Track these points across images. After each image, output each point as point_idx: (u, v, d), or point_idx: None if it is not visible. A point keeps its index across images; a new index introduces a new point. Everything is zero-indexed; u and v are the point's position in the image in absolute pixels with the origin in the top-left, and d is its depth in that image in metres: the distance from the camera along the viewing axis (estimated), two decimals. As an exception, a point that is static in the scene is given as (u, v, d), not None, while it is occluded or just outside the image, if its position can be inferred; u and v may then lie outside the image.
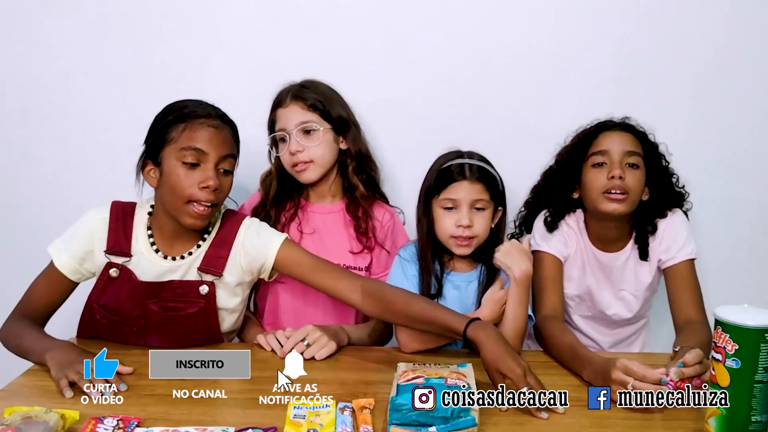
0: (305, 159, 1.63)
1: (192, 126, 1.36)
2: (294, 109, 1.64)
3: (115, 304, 1.43)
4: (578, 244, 1.65)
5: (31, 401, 1.14)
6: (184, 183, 1.35)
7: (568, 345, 1.39)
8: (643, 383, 1.16)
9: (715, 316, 0.98)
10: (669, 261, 1.60)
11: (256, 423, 1.08)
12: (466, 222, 1.46)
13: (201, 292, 1.43)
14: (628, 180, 1.53)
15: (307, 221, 1.70)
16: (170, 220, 1.41)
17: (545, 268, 1.61)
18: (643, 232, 1.62)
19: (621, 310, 1.68)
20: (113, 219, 1.43)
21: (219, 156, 1.37)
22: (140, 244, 1.44)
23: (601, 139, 1.57)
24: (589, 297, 1.68)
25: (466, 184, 1.47)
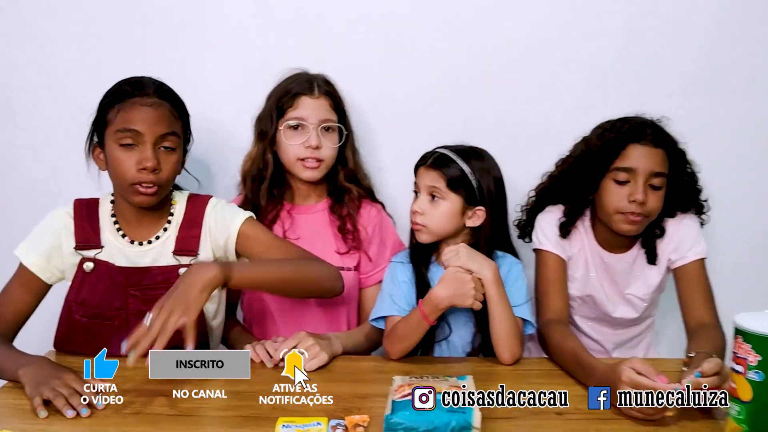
0: (319, 157, 1.57)
1: (125, 106, 1.32)
2: (323, 104, 1.58)
3: (95, 299, 1.38)
4: (583, 244, 1.58)
5: (2, 423, 1.07)
6: (124, 166, 1.32)
7: (572, 351, 1.32)
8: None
9: (735, 325, 0.91)
10: (679, 261, 1.52)
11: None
12: (415, 207, 1.46)
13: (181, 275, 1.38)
14: (650, 203, 1.45)
15: (291, 223, 1.63)
16: (128, 204, 1.39)
17: (549, 268, 1.53)
18: (651, 234, 1.54)
19: (627, 312, 1.61)
20: (78, 214, 1.41)
21: (156, 135, 1.33)
22: (107, 233, 1.41)
23: (628, 152, 1.45)
24: (593, 299, 1.60)
25: (423, 169, 1.46)
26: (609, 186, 1.47)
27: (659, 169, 1.45)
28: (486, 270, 1.37)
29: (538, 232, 1.57)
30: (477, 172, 1.45)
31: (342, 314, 1.63)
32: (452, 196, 1.44)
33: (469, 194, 1.45)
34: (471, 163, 1.45)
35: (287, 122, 1.56)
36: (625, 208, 1.44)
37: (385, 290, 1.49)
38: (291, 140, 1.56)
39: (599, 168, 1.48)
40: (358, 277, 1.65)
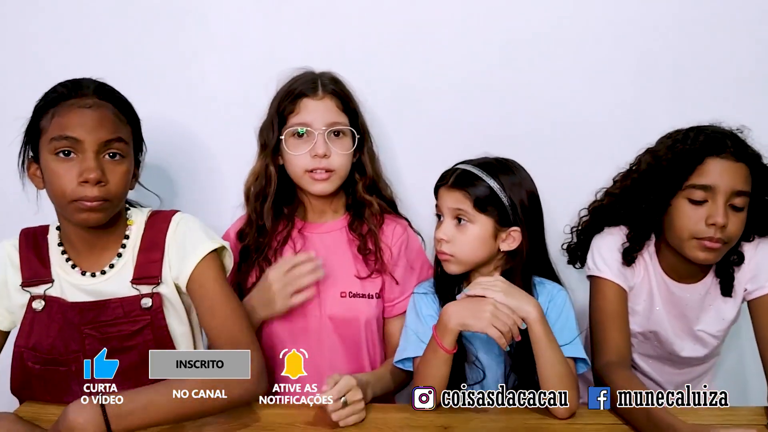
0: (328, 167, 1.37)
1: (60, 111, 1.13)
2: (328, 105, 1.37)
3: (47, 342, 1.19)
4: (647, 272, 1.38)
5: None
6: (63, 180, 1.12)
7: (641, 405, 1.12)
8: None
9: None
10: (756, 291, 1.33)
11: None
12: (440, 234, 1.28)
13: (144, 306, 1.20)
14: (731, 227, 1.25)
15: (303, 243, 1.44)
16: (75, 227, 1.20)
17: (608, 300, 1.34)
18: (728, 262, 1.34)
19: (696, 350, 1.41)
20: (23, 246, 1.23)
21: (98, 142, 1.13)
22: (57, 265, 1.22)
23: (707, 167, 1.25)
24: (656, 336, 1.40)
25: (444, 190, 1.30)
26: (682, 206, 1.27)
27: (742, 188, 1.24)
28: (528, 306, 1.17)
29: (595, 257, 1.37)
30: (507, 188, 1.26)
31: (362, 347, 1.42)
32: (482, 218, 1.25)
33: (501, 214, 1.26)
34: (499, 178, 1.27)
35: (290, 129, 1.37)
36: (702, 232, 1.24)
37: (409, 327, 1.31)
38: (295, 150, 1.37)
39: (671, 185, 1.28)
40: (382, 305, 1.45)
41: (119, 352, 1.18)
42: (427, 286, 1.35)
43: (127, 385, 1.15)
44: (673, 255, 1.34)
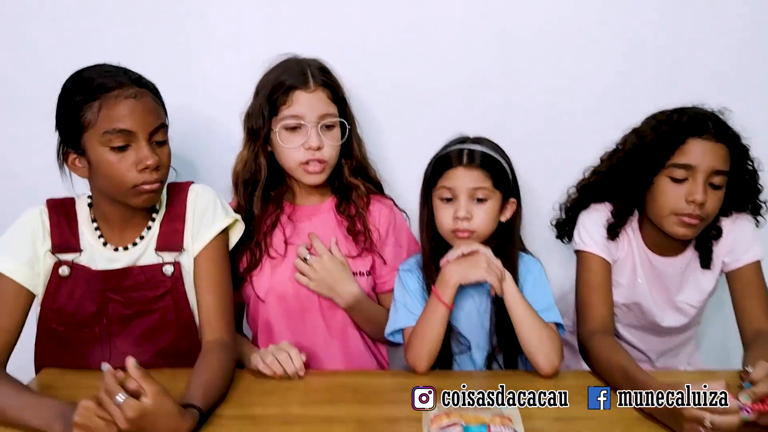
0: (322, 158, 1.39)
1: (107, 103, 1.15)
2: (320, 97, 1.39)
3: (71, 306, 1.25)
4: (630, 247, 1.44)
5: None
6: (121, 170, 1.18)
7: (621, 367, 1.19)
8: (723, 418, 0.97)
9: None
10: (733, 263, 1.39)
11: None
12: (462, 213, 1.30)
13: (166, 273, 1.27)
14: (709, 204, 1.30)
15: (293, 229, 1.47)
16: (115, 207, 1.25)
17: (593, 272, 1.40)
18: (707, 237, 1.40)
19: (677, 320, 1.47)
20: (53, 215, 1.28)
21: (148, 131, 1.19)
22: (87, 238, 1.28)
23: (688, 147, 1.30)
24: (639, 307, 1.47)
25: (462, 171, 1.30)
26: (664, 184, 1.33)
27: (721, 167, 1.30)
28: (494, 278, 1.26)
29: (581, 232, 1.43)
30: (509, 164, 1.34)
31: (348, 325, 1.48)
32: (496, 195, 1.32)
33: (507, 189, 1.34)
34: (503, 155, 1.34)
35: (283, 122, 1.38)
36: (682, 209, 1.30)
37: (398, 300, 1.37)
38: (289, 143, 1.39)
39: (654, 164, 1.33)
40: (373, 281, 1.51)
41: (141, 315, 1.26)
42: (412, 263, 1.41)
43: (147, 345, 1.25)
44: (655, 230, 1.40)
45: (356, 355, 1.49)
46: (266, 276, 1.45)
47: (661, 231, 1.38)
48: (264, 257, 1.45)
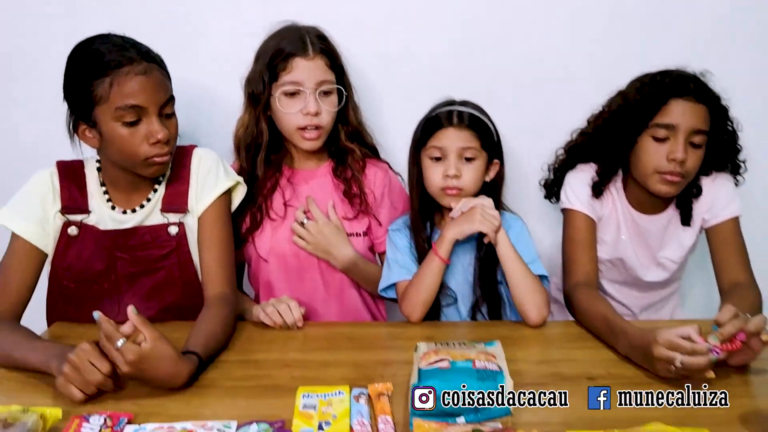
0: (319, 123, 1.44)
1: (118, 80, 1.18)
2: (319, 64, 1.43)
3: (80, 264, 1.31)
4: (614, 205, 1.50)
5: (9, 396, 1.03)
6: (133, 143, 1.23)
7: (601, 315, 1.27)
8: (693, 358, 1.04)
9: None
10: (712, 220, 1.45)
11: (261, 415, 0.97)
12: (452, 171, 1.36)
13: (170, 233, 1.33)
14: (689, 162, 1.36)
15: (292, 191, 1.54)
16: (125, 173, 1.30)
17: (577, 229, 1.46)
18: (687, 195, 1.46)
19: (658, 275, 1.54)
20: (63, 177, 1.33)
21: (158, 104, 1.23)
22: (96, 200, 1.33)
23: (670, 108, 1.35)
24: (623, 262, 1.53)
25: (453, 131, 1.36)
26: (647, 143, 1.38)
27: (701, 127, 1.35)
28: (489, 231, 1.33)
29: (567, 191, 1.49)
30: (494, 126, 1.41)
31: (346, 284, 1.55)
32: (483, 154, 1.38)
33: (492, 149, 1.40)
34: (489, 118, 1.41)
35: (282, 88, 1.42)
36: (664, 167, 1.36)
37: (390, 258, 1.44)
38: (287, 108, 1.43)
39: (638, 124, 1.38)
40: (370, 241, 1.57)
41: (147, 273, 1.32)
42: (400, 223, 1.48)
43: (153, 302, 1.32)
44: (638, 189, 1.46)
45: (354, 312, 1.56)
46: (267, 237, 1.51)
47: (644, 189, 1.44)
48: (265, 219, 1.51)
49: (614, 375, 1.12)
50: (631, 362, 1.15)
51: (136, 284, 1.33)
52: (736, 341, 1.06)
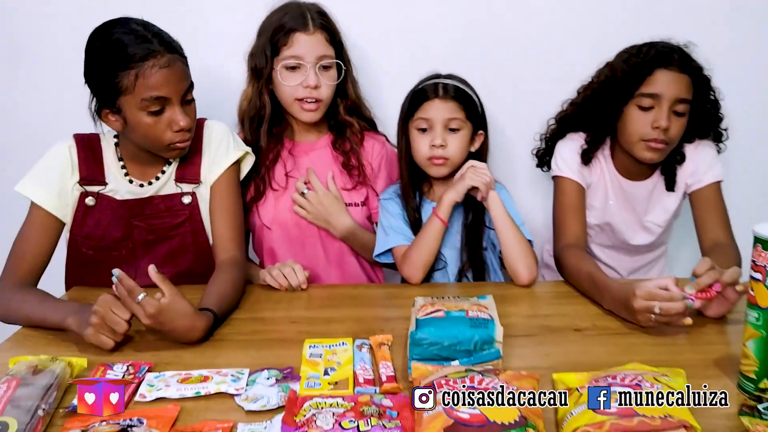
0: (318, 97, 1.51)
1: (143, 72, 1.24)
2: (319, 39, 1.49)
3: (99, 232, 1.38)
4: (602, 172, 1.57)
5: (36, 350, 1.10)
6: (157, 131, 1.29)
7: (587, 273, 1.34)
8: (670, 304, 1.12)
9: (755, 233, 0.91)
10: (695, 185, 1.52)
11: (271, 364, 1.05)
12: (438, 141, 1.43)
13: (184, 202, 1.40)
14: (673, 130, 1.42)
15: (293, 163, 1.61)
16: (143, 150, 1.37)
17: (567, 195, 1.53)
18: (672, 161, 1.53)
19: (645, 239, 1.61)
20: (81, 150, 1.39)
21: (180, 94, 1.29)
22: (113, 172, 1.40)
23: (655, 77, 1.41)
24: (611, 227, 1.61)
25: (438, 102, 1.43)
26: (633, 112, 1.45)
27: (684, 96, 1.42)
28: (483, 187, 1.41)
29: (557, 159, 1.57)
30: (478, 98, 1.48)
31: (345, 252, 1.62)
32: (467, 125, 1.46)
33: (477, 121, 1.47)
34: (473, 90, 1.48)
35: (283, 62, 1.49)
36: (649, 134, 1.43)
37: (385, 225, 1.51)
38: (288, 81, 1.50)
39: (624, 94, 1.45)
40: (368, 212, 1.64)
41: (163, 240, 1.40)
42: (391, 192, 1.56)
43: (168, 267, 1.39)
44: (625, 156, 1.54)
45: (353, 278, 1.64)
46: (270, 206, 1.59)
47: (630, 157, 1.51)
48: (267, 189, 1.58)
49: (599, 327, 1.20)
50: (616, 315, 1.23)
51: (151, 251, 1.40)
52: (712, 291, 1.13)
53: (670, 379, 0.88)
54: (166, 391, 0.97)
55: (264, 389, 0.97)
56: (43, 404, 0.89)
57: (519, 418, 0.79)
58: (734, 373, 0.98)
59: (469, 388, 0.85)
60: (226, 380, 0.99)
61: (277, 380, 1.00)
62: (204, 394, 0.96)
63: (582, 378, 0.92)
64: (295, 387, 0.97)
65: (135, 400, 0.96)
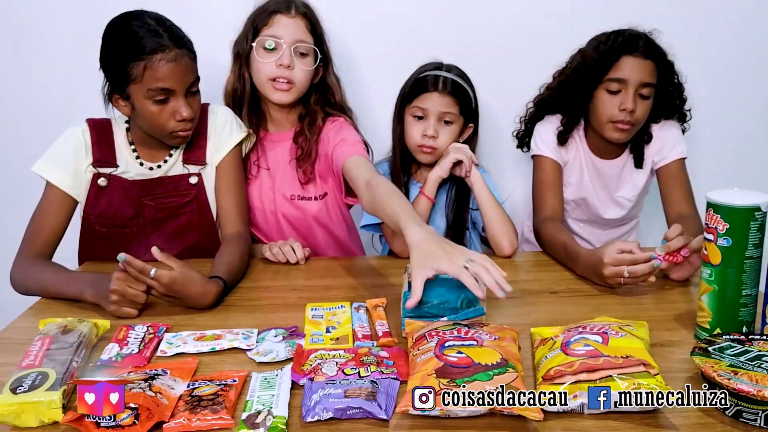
0: (291, 78, 1.54)
1: (152, 65, 1.32)
2: (299, 24, 1.54)
3: (111, 211, 1.47)
4: (578, 151, 1.69)
5: (62, 314, 1.19)
6: (161, 119, 1.38)
7: (562, 243, 1.46)
8: (637, 267, 1.24)
9: (707, 199, 1.03)
10: (661, 161, 1.64)
11: (277, 324, 1.15)
12: (431, 132, 1.54)
13: (191, 183, 1.50)
14: (638, 111, 1.54)
15: (262, 152, 1.65)
16: (152, 136, 1.45)
17: (545, 172, 1.65)
18: (640, 141, 1.65)
19: (616, 213, 1.74)
20: (94, 132, 1.47)
21: (185, 86, 1.38)
22: (125, 156, 1.48)
23: (621, 63, 1.53)
24: (585, 202, 1.73)
25: (437, 95, 1.54)
26: (602, 96, 1.57)
27: (648, 80, 1.54)
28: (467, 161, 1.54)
29: (536, 139, 1.68)
30: (474, 94, 1.59)
31: (346, 226, 1.71)
32: (460, 120, 1.57)
33: (468, 115, 1.59)
34: (471, 86, 1.58)
35: (261, 40, 1.52)
36: (616, 116, 1.55)
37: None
38: (264, 58, 1.53)
39: (594, 79, 1.57)
40: (325, 205, 1.65)
41: (171, 218, 1.50)
42: (383, 170, 1.63)
43: (176, 243, 1.50)
44: (597, 136, 1.66)
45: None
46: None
47: (601, 137, 1.63)
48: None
49: (572, 289, 1.33)
50: (587, 280, 1.35)
51: (161, 228, 1.50)
52: (679, 255, 1.26)
53: (634, 328, 0.99)
54: (185, 347, 1.07)
55: (273, 344, 1.08)
56: (76, 357, 0.98)
57: (500, 359, 0.91)
58: (692, 326, 1.11)
59: (456, 338, 0.96)
60: (238, 338, 1.09)
61: (284, 337, 1.10)
62: (219, 350, 1.06)
63: (556, 330, 1.03)
64: (300, 342, 1.08)
65: (156, 355, 1.06)
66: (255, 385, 0.94)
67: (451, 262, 1.06)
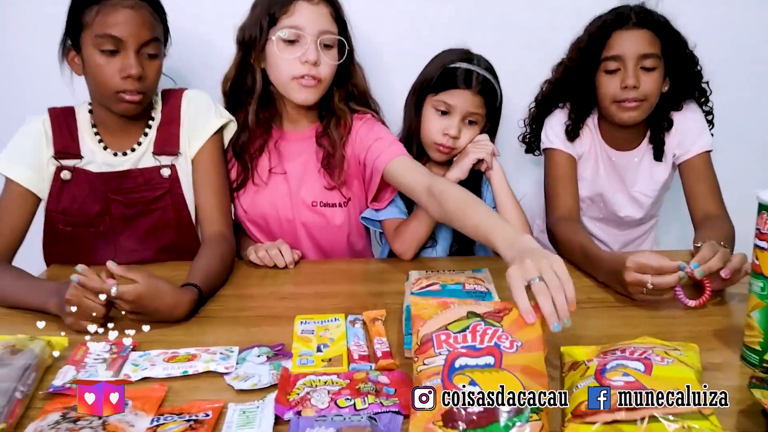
0: (317, 75, 1.34)
1: (105, 9, 1.21)
2: (323, 12, 1.34)
3: (75, 208, 1.34)
4: (592, 142, 1.55)
5: (18, 325, 1.06)
6: (106, 73, 1.24)
7: (579, 245, 1.32)
8: (662, 278, 1.10)
9: (759, 200, 0.89)
10: (684, 155, 1.50)
11: (261, 341, 1.01)
12: (453, 132, 1.39)
13: (163, 175, 1.35)
14: (644, 86, 1.41)
15: (278, 157, 1.46)
16: (111, 113, 1.32)
17: (558, 166, 1.51)
18: (659, 129, 1.51)
19: (634, 211, 1.60)
20: (55, 122, 1.34)
21: (139, 42, 1.24)
22: (88, 143, 1.35)
23: (614, 40, 1.41)
24: (601, 198, 1.59)
25: (467, 94, 1.38)
26: (602, 78, 1.45)
27: (647, 50, 1.41)
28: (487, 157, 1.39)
29: (547, 132, 1.54)
30: (501, 93, 1.45)
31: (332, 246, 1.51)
32: (483, 120, 1.43)
33: (492, 114, 1.45)
34: (499, 84, 1.44)
35: (281, 32, 1.31)
36: (619, 95, 1.42)
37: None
38: (285, 54, 1.32)
39: (591, 63, 1.45)
40: (348, 212, 1.48)
41: (142, 215, 1.35)
42: None
43: (150, 243, 1.35)
44: (610, 125, 1.52)
45: None
46: (249, 198, 1.48)
47: (614, 125, 1.50)
48: (249, 180, 1.47)
49: (595, 299, 1.19)
50: (609, 288, 1.21)
51: (131, 226, 1.35)
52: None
53: (682, 353, 0.85)
54: (152, 371, 0.92)
55: (255, 367, 0.93)
56: (21, 386, 0.84)
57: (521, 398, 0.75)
58: (737, 345, 0.97)
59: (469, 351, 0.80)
60: (215, 358, 0.95)
61: (269, 358, 0.96)
62: (192, 374, 0.92)
63: (590, 351, 0.89)
64: (287, 364, 0.93)
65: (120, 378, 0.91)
66: (231, 420, 0.80)
67: (517, 274, 0.88)
